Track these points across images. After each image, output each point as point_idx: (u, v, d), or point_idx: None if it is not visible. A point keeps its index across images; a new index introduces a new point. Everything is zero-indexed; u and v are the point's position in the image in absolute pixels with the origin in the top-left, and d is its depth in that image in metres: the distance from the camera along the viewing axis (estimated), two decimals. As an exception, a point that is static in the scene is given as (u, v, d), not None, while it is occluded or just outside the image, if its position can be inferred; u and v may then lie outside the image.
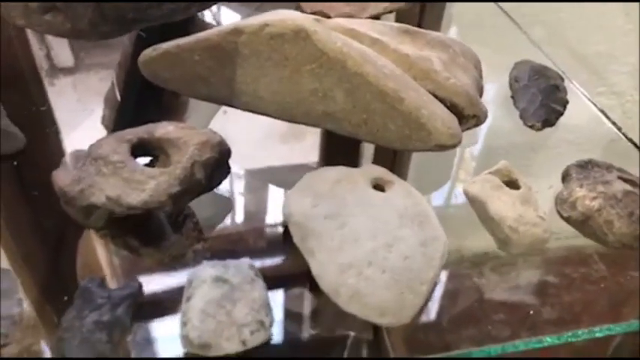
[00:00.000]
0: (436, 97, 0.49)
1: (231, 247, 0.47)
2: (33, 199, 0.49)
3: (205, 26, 0.69)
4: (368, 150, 0.56)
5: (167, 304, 0.41)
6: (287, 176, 0.56)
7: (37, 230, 0.48)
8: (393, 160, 0.56)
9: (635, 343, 0.52)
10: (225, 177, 0.46)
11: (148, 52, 0.52)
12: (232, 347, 0.36)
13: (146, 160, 0.46)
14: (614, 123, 0.58)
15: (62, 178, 0.43)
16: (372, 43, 0.51)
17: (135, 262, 0.45)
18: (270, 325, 0.38)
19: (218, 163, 0.45)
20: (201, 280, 0.39)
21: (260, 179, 0.55)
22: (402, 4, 0.62)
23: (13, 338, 0.36)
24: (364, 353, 0.41)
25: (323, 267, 0.40)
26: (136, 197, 0.41)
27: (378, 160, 0.55)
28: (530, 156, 0.57)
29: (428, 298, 0.40)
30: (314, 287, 0.40)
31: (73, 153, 0.47)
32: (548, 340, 0.41)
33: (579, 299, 0.46)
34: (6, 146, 0.47)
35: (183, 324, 0.37)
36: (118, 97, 0.63)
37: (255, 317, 0.38)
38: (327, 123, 0.49)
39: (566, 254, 0.50)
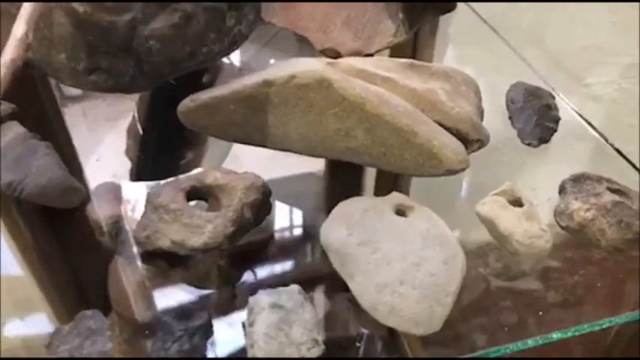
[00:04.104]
0: (443, 126, 0.55)
1: (277, 274, 0.54)
2: (67, 228, 0.55)
3: (222, 66, 0.76)
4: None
5: (228, 329, 0.48)
6: (300, 188, 0.62)
7: (72, 258, 0.54)
8: (395, 176, 0.61)
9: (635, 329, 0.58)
10: (268, 213, 0.53)
11: (186, 103, 0.57)
12: (293, 363, 0.44)
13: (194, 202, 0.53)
14: (601, 135, 0.64)
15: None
16: (383, 82, 0.57)
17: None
18: (323, 341, 0.45)
19: (262, 203, 0.51)
20: (261, 307, 0.46)
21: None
22: (405, 36, 0.68)
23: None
24: (380, 351, 0.47)
25: (362, 288, 0.47)
26: (197, 240, 0.47)
27: (380, 174, 0.61)
28: (529, 171, 0.63)
29: (452, 307, 0.47)
30: (354, 306, 0.47)
31: (100, 186, 0.54)
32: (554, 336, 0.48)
33: (582, 282, 0.51)
34: (74, 200, 0.53)
35: (250, 346, 0.44)
36: (140, 130, 0.69)
37: (310, 336, 0.44)
38: (350, 157, 0.56)
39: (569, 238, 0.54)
